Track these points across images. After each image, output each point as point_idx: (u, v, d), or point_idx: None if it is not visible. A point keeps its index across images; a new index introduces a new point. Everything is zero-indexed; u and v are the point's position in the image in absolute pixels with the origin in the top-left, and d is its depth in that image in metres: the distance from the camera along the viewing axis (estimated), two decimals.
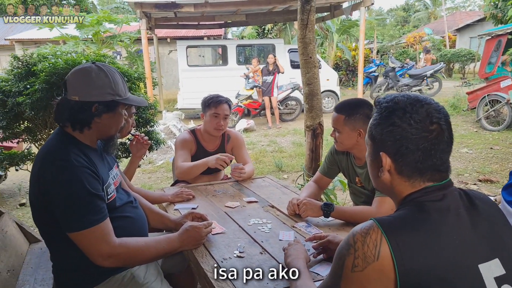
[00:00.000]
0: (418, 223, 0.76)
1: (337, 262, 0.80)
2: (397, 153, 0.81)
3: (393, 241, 0.73)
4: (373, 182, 0.92)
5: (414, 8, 36.43)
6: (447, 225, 0.76)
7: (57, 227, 1.22)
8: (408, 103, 0.82)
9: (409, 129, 0.79)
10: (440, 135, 0.80)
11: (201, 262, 1.30)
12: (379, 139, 0.84)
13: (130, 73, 2.91)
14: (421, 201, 0.80)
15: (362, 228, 0.78)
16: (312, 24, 3.29)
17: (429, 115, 0.80)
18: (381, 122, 0.84)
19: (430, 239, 0.74)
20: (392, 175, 0.84)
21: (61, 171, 1.19)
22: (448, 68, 16.62)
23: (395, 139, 0.81)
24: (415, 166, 0.81)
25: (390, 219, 0.78)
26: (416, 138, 0.79)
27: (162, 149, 5.78)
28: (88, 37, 9.38)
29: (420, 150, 0.79)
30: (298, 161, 5.30)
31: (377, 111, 0.86)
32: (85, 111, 1.28)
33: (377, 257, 0.73)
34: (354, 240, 0.77)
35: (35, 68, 2.68)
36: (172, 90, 13.25)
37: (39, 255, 1.80)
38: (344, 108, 1.72)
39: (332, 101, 9.68)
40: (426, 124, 0.79)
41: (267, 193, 2.07)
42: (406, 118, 0.80)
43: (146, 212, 1.59)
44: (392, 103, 0.84)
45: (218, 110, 2.30)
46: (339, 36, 16.14)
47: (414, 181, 0.82)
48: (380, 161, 0.85)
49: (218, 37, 14.11)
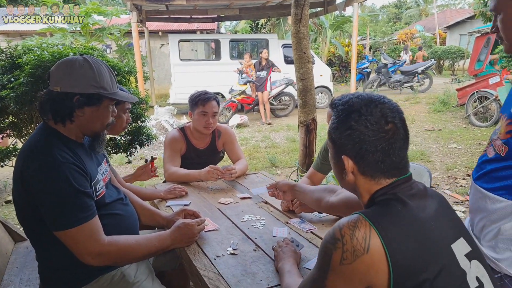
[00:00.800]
0: (398, 212, 0.79)
1: (323, 256, 0.80)
2: (357, 155, 0.84)
3: (382, 232, 0.75)
4: (339, 182, 0.95)
5: (406, 5, 36.64)
6: (421, 212, 0.81)
7: (43, 226, 1.18)
8: (363, 104, 0.84)
9: (366, 131, 0.82)
10: (396, 133, 0.83)
11: (194, 259, 1.27)
12: (339, 143, 0.87)
13: (120, 67, 2.84)
14: (394, 192, 0.83)
15: (349, 221, 0.78)
16: (306, 19, 3.25)
17: (383, 115, 0.83)
18: (339, 126, 0.86)
19: (411, 226, 0.78)
20: (356, 176, 0.87)
21: (45, 168, 1.14)
22: (438, 65, 16.77)
23: (354, 142, 0.84)
24: (377, 166, 0.84)
25: (372, 211, 0.80)
26: (373, 140, 0.82)
27: (154, 144, 5.69)
28: (76, 30, 9.20)
29: (379, 151, 0.82)
30: (291, 157, 5.29)
31: (334, 114, 0.89)
32: (66, 102, 1.22)
33: (366, 250, 0.74)
34: (341, 234, 0.77)
35: (19, 60, 2.59)
36: (164, 84, 13.11)
37: (25, 254, 1.74)
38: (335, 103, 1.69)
39: (326, 97, 9.68)
40: (382, 125, 0.82)
41: None
42: (362, 121, 0.83)
43: (137, 209, 1.55)
44: (347, 105, 0.86)
45: (206, 108, 2.22)
46: (333, 32, 16.13)
47: (378, 179, 0.85)
48: (343, 164, 0.87)
49: (211, 31, 13.98)
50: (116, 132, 1.96)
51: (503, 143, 1.07)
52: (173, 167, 2.18)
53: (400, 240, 0.75)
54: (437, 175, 4.37)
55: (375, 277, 0.74)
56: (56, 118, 1.23)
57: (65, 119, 1.24)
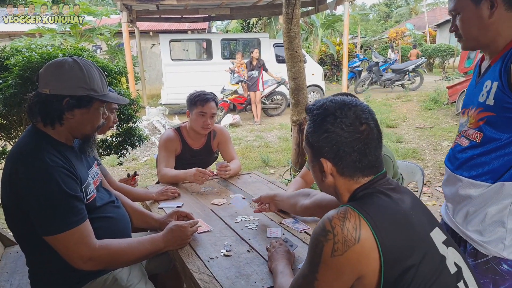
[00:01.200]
0: (383, 203, 0.83)
1: (314, 249, 0.81)
2: (335, 157, 0.87)
3: (372, 222, 0.78)
4: (318, 185, 0.96)
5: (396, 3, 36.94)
6: (403, 203, 0.85)
7: (32, 230, 1.16)
8: (337, 107, 0.88)
9: (342, 133, 0.85)
10: (370, 134, 0.87)
11: (187, 262, 1.27)
12: (316, 146, 0.89)
13: (111, 68, 2.81)
14: (375, 187, 0.87)
15: (338, 212, 0.80)
16: (297, 18, 3.26)
17: (357, 117, 0.86)
18: (316, 129, 0.89)
19: (396, 215, 0.82)
20: (335, 177, 0.89)
21: (34, 171, 1.12)
22: (429, 63, 16.93)
23: (331, 145, 0.87)
24: (355, 166, 0.87)
25: (359, 203, 0.83)
26: (350, 141, 0.85)
27: (145, 145, 5.66)
28: (66, 30, 9.08)
29: (355, 151, 0.86)
30: (284, 156, 5.29)
31: (310, 119, 0.92)
32: (56, 105, 1.19)
33: (357, 239, 0.76)
34: (332, 226, 0.79)
35: (8, 62, 2.55)
36: (156, 85, 13.01)
37: (15, 259, 1.71)
38: None
39: (318, 95, 9.70)
40: (357, 126, 0.86)
41: (254, 189, 2.03)
42: (337, 123, 0.86)
43: (129, 211, 1.53)
44: (322, 109, 0.89)
45: (205, 109, 2.21)
46: (324, 30, 16.18)
47: (357, 178, 0.88)
48: (322, 166, 0.90)
49: (202, 31, 13.91)
50: (101, 132, 1.95)
51: (476, 131, 1.15)
52: (165, 168, 2.16)
53: (388, 228, 0.78)
54: (429, 173, 4.41)
55: (365, 267, 0.77)
56: (45, 121, 1.21)
57: (55, 121, 1.21)
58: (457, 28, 1.17)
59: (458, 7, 1.14)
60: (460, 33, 1.17)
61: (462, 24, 1.15)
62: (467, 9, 1.12)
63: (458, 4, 1.14)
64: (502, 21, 1.09)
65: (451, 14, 1.18)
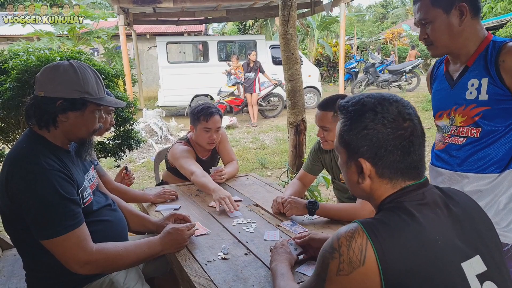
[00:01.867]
0: (401, 224, 0.75)
1: (321, 264, 0.79)
2: (375, 156, 0.79)
3: (377, 244, 0.72)
4: (351, 189, 0.89)
5: (392, 4, 37.08)
6: (428, 225, 0.75)
7: (29, 234, 1.16)
8: (377, 102, 0.80)
9: (383, 130, 0.78)
10: (414, 131, 0.80)
11: (184, 265, 1.27)
12: (354, 145, 0.81)
13: (107, 70, 2.81)
14: (401, 201, 0.79)
15: (347, 231, 0.76)
16: (294, 20, 3.27)
17: (400, 112, 0.79)
18: (353, 126, 0.81)
19: (413, 240, 0.73)
20: (373, 179, 0.82)
21: (31, 175, 1.12)
22: (425, 63, 17.01)
23: (371, 143, 0.79)
24: (396, 166, 0.79)
25: (374, 221, 0.77)
26: (392, 138, 0.78)
27: (143, 148, 5.66)
28: (63, 33, 9.07)
29: (399, 149, 0.78)
30: (281, 158, 5.30)
31: (344, 116, 0.84)
32: (49, 107, 1.20)
33: (363, 262, 0.72)
34: (338, 244, 0.75)
35: (5, 65, 2.55)
36: (153, 87, 13.00)
37: (13, 262, 1.70)
38: (330, 105, 1.70)
39: (314, 97, 9.73)
40: (400, 122, 0.78)
41: (251, 191, 2.04)
42: (378, 119, 0.78)
43: (125, 214, 1.53)
44: (359, 105, 0.81)
45: (209, 124, 2.14)
46: (320, 32, 16.23)
47: (395, 181, 0.80)
48: (359, 167, 0.82)
49: (199, 33, 13.93)
50: (98, 134, 1.94)
51: (472, 127, 1.22)
52: (197, 169, 2.02)
53: (396, 254, 0.72)
54: (427, 174, 4.43)
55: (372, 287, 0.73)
56: (40, 124, 1.22)
57: (49, 124, 1.22)
58: (427, 36, 1.26)
59: (430, 16, 1.23)
60: (430, 41, 1.26)
61: (434, 33, 1.23)
62: (439, 18, 1.21)
63: (429, 14, 1.23)
64: (470, 28, 1.21)
65: (420, 23, 1.26)
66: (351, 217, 1.60)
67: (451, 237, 0.76)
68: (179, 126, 7.46)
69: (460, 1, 1.19)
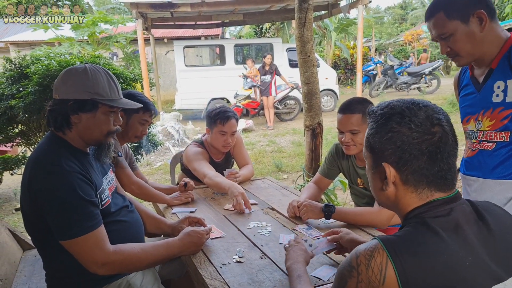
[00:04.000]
0: (424, 243, 0.70)
1: (339, 281, 0.76)
2: (400, 161, 0.75)
3: (398, 264, 0.69)
4: (376, 198, 0.86)
5: (412, 6, 36.42)
6: (455, 244, 0.71)
7: (49, 235, 1.18)
8: (405, 107, 0.77)
9: (409, 133, 0.74)
10: (443, 137, 0.75)
11: (200, 268, 1.27)
12: (378, 148, 0.78)
13: (126, 74, 2.87)
14: (426, 217, 0.74)
15: (366, 249, 0.73)
16: (310, 23, 3.25)
17: (429, 116, 0.75)
18: (379, 130, 0.78)
19: (437, 260, 0.69)
20: (397, 187, 0.78)
21: (51, 177, 1.15)
22: (446, 65, 16.62)
23: (396, 146, 0.75)
24: (421, 173, 0.75)
25: (395, 239, 0.73)
26: (418, 142, 0.73)
27: (159, 151, 5.73)
28: (83, 38, 9.32)
29: (424, 154, 0.73)
30: (298, 161, 5.26)
31: (372, 120, 0.81)
32: (62, 109, 1.23)
33: (382, 282, 0.69)
34: (357, 263, 0.72)
35: (28, 70, 2.64)
36: (170, 90, 13.19)
37: (33, 262, 1.75)
38: (357, 107, 1.66)
39: (331, 100, 9.64)
40: (427, 126, 0.74)
41: (266, 195, 2.03)
42: (405, 123, 0.75)
43: (142, 216, 1.55)
44: (387, 109, 0.79)
45: (226, 128, 2.15)
46: (337, 34, 16.10)
47: (421, 191, 0.76)
48: (383, 173, 0.78)
49: (216, 37, 14.05)
50: (128, 140, 1.97)
51: (500, 131, 1.20)
52: (211, 171, 2.03)
53: (419, 274, 0.68)
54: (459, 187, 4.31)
55: None
56: (55, 126, 1.25)
57: (63, 126, 1.24)
58: (450, 49, 1.26)
59: (449, 30, 1.23)
60: (454, 52, 1.25)
61: (456, 44, 1.23)
62: (459, 29, 1.21)
63: (448, 28, 1.23)
64: (491, 31, 1.22)
65: (440, 38, 1.26)
66: (368, 222, 1.56)
67: (481, 257, 0.71)
68: (195, 130, 7.52)
69: (476, 8, 1.19)
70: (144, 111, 1.86)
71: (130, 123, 1.86)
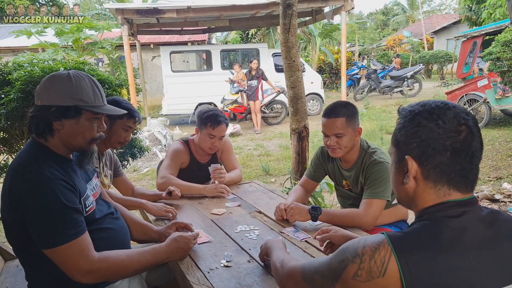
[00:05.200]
0: (431, 241, 0.72)
1: (339, 262, 0.78)
2: (423, 155, 0.76)
3: (402, 259, 0.70)
4: (396, 192, 0.87)
5: (393, 12, 37.25)
6: (462, 245, 0.71)
7: (31, 244, 1.16)
8: (435, 105, 0.78)
9: (436, 128, 0.75)
10: (469, 137, 0.75)
11: (187, 273, 1.26)
12: (403, 142, 0.79)
13: (111, 80, 2.84)
14: (438, 216, 0.75)
15: (373, 241, 0.75)
16: (294, 29, 3.29)
17: (456, 116, 0.76)
18: (406, 124, 0.79)
19: (442, 259, 0.70)
20: (418, 182, 0.78)
21: (33, 184, 1.13)
22: (427, 69, 17.02)
23: (420, 140, 0.76)
24: (442, 170, 0.75)
25: (402, 235, 0.74)
26: (443, 138, 0.74)
27: (146, 156, 5.67)
28: (68, 44, 9.18)
29: (448, 150, 0.74)
30: (285, 165, 5.29)
31: (401, 116, 0.82)
32: (44, 115, 1.21)
33: (382, 273, 0.71)
34: (362, 252, 0.74)
35: (10, 77, 2.58)
36: (157, 96, 13.09)
37: (15, 273, 1.70)
38: (342, 111, 1.68)
39: (317, 103, 9.74)
40: (454, 125, 0.75)
41: (254, 198, 2.03)
42: (433, 119, 0.76)
43: (128, 223, 1.53)
44: (417, 106, 0.80)
45: (215, 132, 2.17)
46: (322, 39, 16.33)
47: (440, 188, 0.76)
48: (405, 166, 0.79)
49: (202, 42, 14.05)
50: (111, 146, 1.95)
51: None
52: (171, 175, 2.13)
53: (421, 270, 0.69)
54: None
55: None
56: (37, 132, 1.23)
57: (45, 132, 1.22)
58: None
59: None
60: None
61: None
62: None
63: None
64: None
65: None
66: (354, 223, 1.59)
67: (487, 260, 0.71)
68: (183, 135, 7.48)
69: None
70: (128, 117, 1.84)
71: (114, 129, 1.84)
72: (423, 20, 21.80)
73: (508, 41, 5.25)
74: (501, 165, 4.51)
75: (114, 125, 1.83)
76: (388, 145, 3.46)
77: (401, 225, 1.87)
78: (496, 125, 6.66)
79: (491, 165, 4.52)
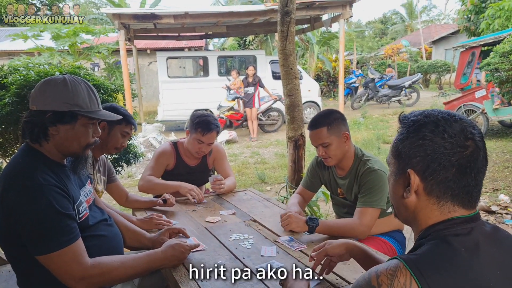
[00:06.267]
0: (447, 262, 0.68)
1: None
2: (427, 170, 0.73)
3: (424, 283, 0.66)
4: (394, 206, 0.83)
5: (392, 21, 37.67)
6: (478, 264, 0.69)
7: (24, 250, 1.14)
8: (440, 117, 0.75)
9: (442, 143, 0.72)
10: (475, 152, 0.72)
11: (180, 282, 1.25)
12: (406, 154, 0.76)
13: (107, 85, 2.83)
14: (447, 234, 0.72)
15: (387, 268, 0.70)
16: (292, 36, 3.31)
17: (463, 130, 0.73)
18: (410, 136, 0.76)
19: (462, 280, 0.67)
20: (419, 196, 0.75)
21: (26, 190, 1.12)
22: (425, 79, 17.15)
23: (425, 154, 0.73)
24: (447, 186, 0.72)
25: (417, 258, 0.70)
26: (449, 153, 0.71)
27: (141, 162, 5.63)
28: (64, 48, 9.17)
29: (454, 166, 0.71)
30: (281, 173, 5.28)
31: (403, 126, 0.78)
32: (39, 120, 1.20)
33: None
34: (378, 282, 0.69)
35: (5, 80, 2.57)
36: (152, 102, 13.08)
37: (7, 278, 1.67)
38: (320, 121, 1.70)
39: (314, 112, 9.75)
40: (461, 139, 0.72)
41: (249, 206, 2.02)
42: (439, 132, 0.72)
43: (121, 230, 1.52)
44: (421, 116, 0.76)
45: (204, 139, 2.16)
46: (320, 47, 16.43)
47: (443, 204, 0.74)
48: (407, 180, 0.76)
49: (199, 49, 14.11)
50: (107, 152, 1.94)
51: None
52: (151, 176, 2.16)
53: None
54: None
55: None
56: (32, 137, 1.22)
57: (40, 137, 1.21)
58: None
59: None
60: None
61: None
62: None
63: None
64: None
65: None
66: (349, 233, 1.58)
67: (500, 278, 0.70)
68: None
69: None
70: (126, 124, 1.85)
71: (112, 134, 1.84)
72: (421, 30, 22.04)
73: (506, 52, 5.30)
74: (498, 176, 4.53)
75: (112, 130, 1.83)
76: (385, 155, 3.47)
77: (397, 236, 1.86)
78: (494, 136, 6.70)
79: (488, 176, 4.54)
